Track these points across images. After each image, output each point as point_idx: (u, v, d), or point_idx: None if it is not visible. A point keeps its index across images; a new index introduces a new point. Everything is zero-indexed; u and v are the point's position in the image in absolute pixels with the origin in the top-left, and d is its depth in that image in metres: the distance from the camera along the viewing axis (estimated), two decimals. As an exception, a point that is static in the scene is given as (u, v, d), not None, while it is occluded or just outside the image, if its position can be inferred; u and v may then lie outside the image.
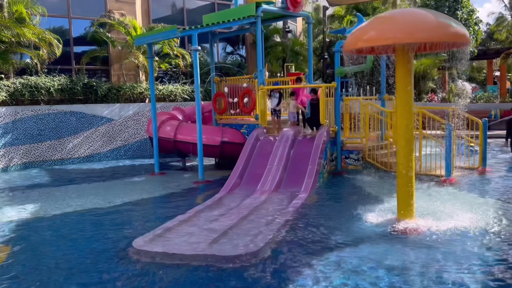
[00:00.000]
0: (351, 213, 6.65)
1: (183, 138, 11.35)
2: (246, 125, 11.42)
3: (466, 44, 5.45)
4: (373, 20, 5.86)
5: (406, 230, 5.61)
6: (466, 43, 5.41)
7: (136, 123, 14.93)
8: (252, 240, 5.42)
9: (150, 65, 11.15)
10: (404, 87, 5.85)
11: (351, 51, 6.12)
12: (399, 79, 5.89)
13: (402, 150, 5.92)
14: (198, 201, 8.02)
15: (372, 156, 10.39)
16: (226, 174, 10.71)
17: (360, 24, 10.61)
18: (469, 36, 5.65)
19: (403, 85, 5.85)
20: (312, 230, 5.94)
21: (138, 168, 12.58)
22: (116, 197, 8.48)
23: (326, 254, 5.03)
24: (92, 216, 7.18)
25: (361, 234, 5.65)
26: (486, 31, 37.12)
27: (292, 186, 8.43)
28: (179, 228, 6.08)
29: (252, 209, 6.90)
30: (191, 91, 16.02)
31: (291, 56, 18.78)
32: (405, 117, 5.87)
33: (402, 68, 5.84)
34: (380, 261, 4.73)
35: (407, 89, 5.84)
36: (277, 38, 20.00)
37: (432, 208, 6.54)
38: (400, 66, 5.85)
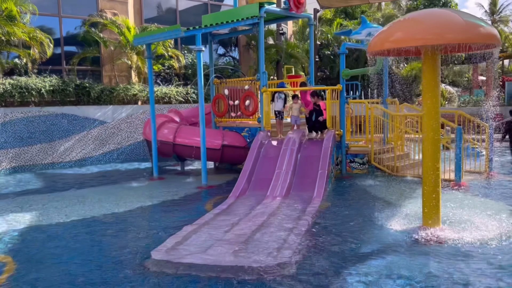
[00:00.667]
0: (372, 220, 6.46)
1: (182, 141, 11.01)
2: (247, 128, 11.15)
3: (497, 45, 5.31)
4: (399, 21, 5.66)
5: (435, 239, 5.41)
6: (497, 44, 5.26)
7: (129, 126, 14.50)
8: (278, 249, 5.16)
9: (149, 65, 10.78)
10: (431, 89, 5.67)
11: (376, 53, 5.93)
12: (426, 81, 5.71)
13: (428, 155, 5.73)
14: (207, 207, 7.71)
15: (377, 160, 10.24)
16: (229, 179, 10.49)
17: (364, 26, 10.54)
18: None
19: (430, 88, 5.67)
20: (335, 238, 5.70)
21: (135, 172, 12.17)
22: (117, 203, 8.10)
23: (358, 264, 4.79)
24: (96, 225, 6.77)
25: (389, 242, 5.43)
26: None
27: (302, 191, 8.19)
28: (196, 237, 5.77)
29: (268, 216, 6.63)
30: (186, 93, 15.67)
31: (285, 59, 18.57)
32: (432, 120, 5.69)
33: (429, 70, 5.66)
34: (416, 271, 4.52)
35: (434, 91, 5.66)
36: (269, 40, 19.77)
37: (453, 215, 6.37)
38: (427, 68, 5.67)
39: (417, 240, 5.43)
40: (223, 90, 11.67)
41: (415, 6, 26.86)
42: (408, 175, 9.75)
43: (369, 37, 10.62)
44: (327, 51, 24.69)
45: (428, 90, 5.68)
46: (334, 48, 24.97)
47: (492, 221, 6.11)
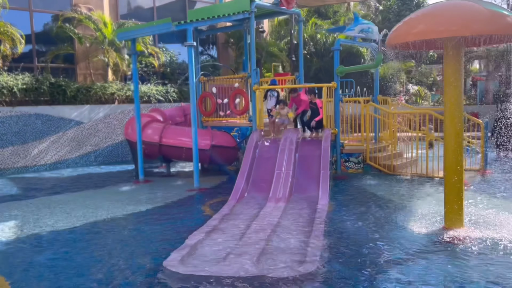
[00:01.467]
0: (388, 222, 6.18)
1: (170, 142, 10.45)
2: (237, 127, 10.72)
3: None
4: (421, 13, 5.40)
5: (463, 240, 5.17)
6: (525, 36, 5.07)
7: (107, 126, 13.78)
8: (300, 258, 4.77)
9: (134, 62, 10.19)
10: (453, 85, 5.44)
11: (397, 46, 5.66)
12: (448, 76, 5.47)
13: (450, 154, 5.49)
14: (206, 212, 7.25)
15: (372, 159, 10.04)
16: (220, 180, 10.05)
17: (356, 22, 10.32)
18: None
19: (453, 83, 5.44)
20: (355, 243, 5.36)
21: (117, 175, 11.51)
22: (106, 210, 7.48)
23: (389, 271, 4.47)
24: (88, 234, 6.15)
25: (416, 246, 5.13)
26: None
27: (304, 193, 7.86)
28: (208, 245, 5.32)
29: (277, 221, 6.24)
30: (165, 92, 15.06)
31: (265, 57, 18.25)
32: (455, 118, 5.45)
33: (451, 64, 5.42)
34: (455, 276, 4.25)
35: (457, 87, 5.43)
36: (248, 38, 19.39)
37: (470, 214, 6.17)
38: (449, 62, 5.43)
39: (445, 242, 5.17)
40: (210, 88, 11.19)
41: (389, 6, 27.13)
42: (405, 174, 9.58)
43: (361, 33, 10.44)
44: (303, 50, 24.56)
45: (450, 86, 5.44)
46: (310, 48, 24.88)
47: (509, 219, 5.95)
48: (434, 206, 6.80)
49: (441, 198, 7.34)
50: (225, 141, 10.67)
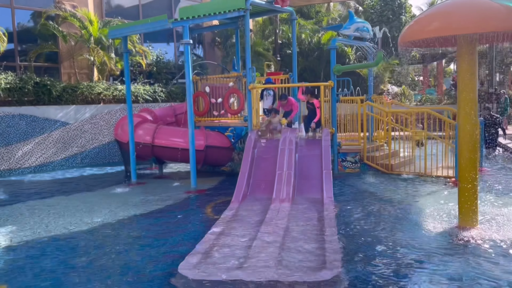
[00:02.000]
0: (398, 222, 6.09)
1: (163, 143, 10.17)
2: (232, 127, 10.51)
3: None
4: (435, 10, 5.31)
5: (481, 240, 5.11)
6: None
7: (93, 127, 13.38)
8: (319, 262, 4.61)
9: (126, 60, 9.87)
10: (467, 83, 5.37)
11: (410, 44, 5.56)
12: (462, 75, 5.40)
13: (465, 152, 5.42)
14: (208, 214, 7.04)
15: (370, 158, 9.99)
16: (216, 181, 9.85)
17: (352, 21, 10.26)
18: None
19: (467, 81, 5.37)
20: (372, 245, 5.23)
21: (107, 177, 11.17)
22: (103, 213, 7.18)
23: (411, 273, 4.37)
24: (88, 239, 5.87)
25: (434, 246, 5.03)
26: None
27: (307, 193, 7.72)
28: (218, 249, 5.12)
29: (286, 223, 6.08)
30: (153, 91, 14.72)
31: (252, 57, 18.05)
32: (469, 116, 5.39)
33: (465, 62, 5.35)
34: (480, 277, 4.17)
35: (471, 85, 5.36)
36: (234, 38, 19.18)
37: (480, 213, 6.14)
38: (464, 60, 5.36)
39: (462, 242, 5.09)
40: (203, 87, 10.97)
41: (371, 6, 27.30)
42: (403, 173, 9.55)
43: (357, 32, 10.39)
44: (288, 50, 24.47)
45: (465, 84, 5.37)
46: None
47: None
48: (441, 205, 6.76)
49: (445, 197, 7.41)
50: (220, 142, 10.46)
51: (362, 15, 28.21)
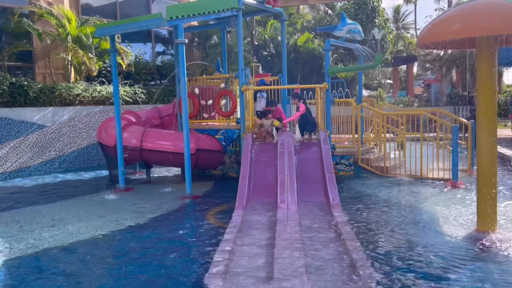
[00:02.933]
0: (415, 227, 5.97)
1: (153, 146, 9.76)
2: (223, 130, 10.21)
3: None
4: (457, 11, 5.22)
5: (500, 243, 5.05)
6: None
7: (72, 130, 12.76)
8: (352, 272, 4.41)
9: (113, 60, 9.39)
10: (487, 85, 5.30)
11: (429, 46, 5.47)
12: (482, 76, 5.33)
13: (485, 155, 5.37)
14: (210, 221, 6.73)
15: (364, 161, 9.92)
16: (209, 186, 9.54)
17: (344, 23, 10.18)
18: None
19: (486, 83, 5.30)
20: (395, 250, 5.09)
21: (90, 183, 10.62)
22: (94, 224, 6.67)
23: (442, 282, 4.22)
24: (85, 252, 5.42)
25: (455, 250, 4.92)
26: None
27: (311, 197, 7.53)
28: (239, 260, 4.83)
29: (299, 229, 5.85)
30: (133, 92, 14.20)
31: (233, 57, 17.80)
32: (489, 120, 5.32)
33: (485, 64, 5.29)
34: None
35: (491, 87, 5.30)
36: (215, 38, 18.88)
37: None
38: (484, 61, 5.30)
39: (485, 246, 5.01)
40: (192, 88, 10.61)
41: (345, 9, 27.55)
42: (399, 176, 9.53)
43: (349, 34, 10.32)
44: (264, 52, 24.34)
45: (484, 86, 5.31)
46: (271, 49, 24.72)
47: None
48: (451, 208, 6.72)
49: (450, 200, 7.40)
50: (211, 145, 10.15)
51: (336, 17, 28.46)
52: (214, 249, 5.25)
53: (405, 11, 52.28)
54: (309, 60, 23.35)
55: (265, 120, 9.17)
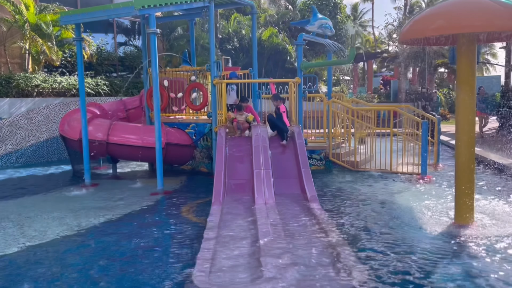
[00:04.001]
0: (391, 220, 6.04)
1: (121, 140, 9.41)
2: (193, 124, 9.98)
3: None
4: (439, 8, 5.27)
5: (483, 237, 5.19)
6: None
7: (30, 123, 12.12)
8: (341, 268, 4.38)
9: (79, 49, 8.96)
10: (466, 82, 5.41)
11: (412, 42, 5.52)
12: (461, 74, 5.43)
13: (463, 151, 5.48)
14: (188, 217, 6.55)
15: (335, 155, 9.99)
16: (180, 181, 9.34)
17: (315, 17, 10.19)
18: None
19: (466, 79, 5.41)
20: (375, 245, 5.11)
21: (53, 178, 10.14)
22: (59, 222, 6.33)
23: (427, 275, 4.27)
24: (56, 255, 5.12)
25: (440, 246, 4.98)
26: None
27: (287, 192, 7.49)
28: (223, 258, 4.70)
29: (281, 225, 5.79)
30: (96, 84, 13.67)
31: (198, 50, 17.50)
32: (467, 115, 5.44)
33: (465, 61, 5.40)
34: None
35: (471, 84, 5.42)
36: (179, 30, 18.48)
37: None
38: (463, 58, 5.40)
39: (465, 240, 5.12)
40: (161, 81, 10.29)
41: (308, 5, 27.74)
42: (369, 170, 9.67)
43: (320, 29, 10.34)
44: (228, 45, 24.15)
45: (464, 83, 5.42)
46: (235, 43, 24.55)
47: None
48: (424, 202, 6.86)
49: (423, 194, 7.56)
50: (180, 139, 9.90)
51: (299, 13, 28.65)
52: (196, 245, 5.12)
53: (363, 9, 53.41)
54: (273, 54, 23.36)
55: (239, 116, 9.04)
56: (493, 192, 7.48)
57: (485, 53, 34.44)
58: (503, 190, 7.68)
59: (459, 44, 5.42)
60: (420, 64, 23.91)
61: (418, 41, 5.54)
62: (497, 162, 9.56)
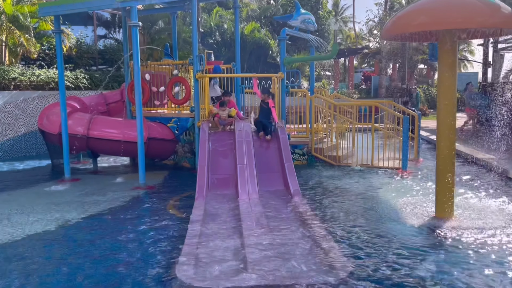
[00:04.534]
0: (373, 215, 6.11)
1: (101, 135, 9.29)
2: (175, 118, 9.91)
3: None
4: (421, 4, 5.33)
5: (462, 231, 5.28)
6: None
7: (7, 117, 11.85)
8: (325, 260, 4.42)
9: (58, 42, 8.77)
10: (447, 79, 5.50)
11: (394, 37, 5.57)
12: (442, 70, 5.52)
13: (445, 144, 5.58)
14: (173, 213, 6.51)
15: (317, 150, 10.05)
16: (163, 176, 9.27)
17: (298, 12, 10.20)
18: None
19: (447, 75, 5.50)
20: (357, 240, 5.16)
21: (31, 173, 9.94)
22: (41, 218, 6.22)
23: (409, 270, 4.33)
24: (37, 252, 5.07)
25: (422, 241, 5.07)
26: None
27: (270, 187, 7.49)
28: (208, 252, 4.69)
29: (264, 219, 5.81)
30: (75, 77, 13.43)
31: (179, 44, 17.30)
32: (449, 109, 5.53)
33: (446, 58, 5.47)
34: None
35: (451, 81, 5.50)
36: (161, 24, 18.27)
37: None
38: (445, 55, 5.48)
39: (446, 234, 5.20)
40: (143, 74, 10.17)
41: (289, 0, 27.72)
42: (351, 165, 9.75)
43: (303, 24, 10.36)
44: (210, 39, 23.99)
45: (445, 78, 5.50)
46: (217, 37, 24.40)
47: (494, 204, 6.28)
48: (405, 196, 6.96)
49: (403, 187, 7.68)
50: (163, 134, 9.84)
51: (281, 8, 28.62)
52: (180, 240, 5.10)
53: (344, 4, 53.68)
54: (255, 49, 23.31)
55: (221, 112, 8.98)
56: (471, 186, 7.64)
57: (463, 50, 35.03)
58: (480, 184, 7.85)
59: (441, 41, 5.49)
60: (400, 60, 24.18)
61: (400, 37, 5.59)
62: (471, 155, 9.78)
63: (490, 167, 8.82)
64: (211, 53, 11.93)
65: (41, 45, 13.50)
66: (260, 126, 8.61)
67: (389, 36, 5.60)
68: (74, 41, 14.72)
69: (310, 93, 11.29)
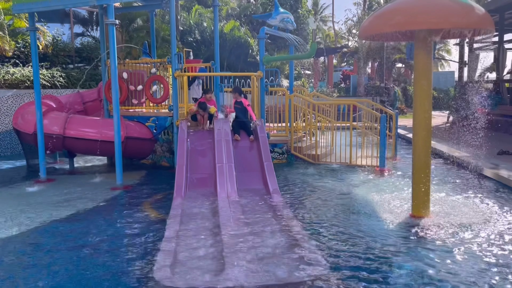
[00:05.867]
0: (352, 213, 6.16)
1: (78, 134, 9.12)
2: (154, 117, 9.81)
3: (491, 31, 5.42)
4: (397, 4, 5.38)
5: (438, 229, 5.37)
6: (491, 30, 5.38)
7: (-20, 116, 11.55)
8: (301, 259, 4.43)
9: (33, 40, 8.58)
10: (423, 77, 5.58)
11: (371, 37, 5.62)
12: (418, 69, 5.60)
13: (421, 143, 5.66)
14: (150, 213, 6.44)
15: (296, 149, 10.09)
16: (140, 176, 9.16)
17: (277, 11, 10.21)
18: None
19: (422, 76, 5.58)
20: (335, 238, 5.20)
21: (5, 174, 9.72)
22: (14, 219, 6.10)
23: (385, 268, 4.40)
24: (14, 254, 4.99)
25: (393, 237, 5.14)
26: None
27: (249, 186, 7.48)
28: (185, 251, 4.66)
29: (243, 218, 5.80)
30: (51, 76, 13.17)
31: (160, 43, 17.18)
32: (425, 108, 5.62)
33: (422, 57, 5.55)
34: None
35: (426, 80, 5.58)
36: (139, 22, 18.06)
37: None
38: (421, 54, 5.55)
39: (423, 232, 5.27)
40: (120, 73, 10.04)
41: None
42: (330, 163, 9.82)
43: (282, 23, 10.37)
44: (189, 37, 23.81)
45: (421, 77, 5.58)
46: (196, 35, 24.24)
47: (468, 201, 6.41)
48: (382, 194, 7.04)
49: (380, 185, 7.77)
50: (141, 133, 9.71)
51: (261, 6, 28.59)
52: (158, 240, 5.06)
53: (323, 4, 53.99)
54: (235, 48, 23.23)
55: (201, 111, 8.91)
56: (446, 184, 7.77)
57: (440, 49, 35.64)
58: (455, 181, 8.00)
59: (417, 40, 5.56)
60: (379, 59, 24.46)
61: (377, 36, 5.64)
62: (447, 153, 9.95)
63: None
64: (190, 51, 11.83)
65: (16, 42, 13.20)
66: (237, 128, 8.57)
67: (366, 36, 5.64)
68: (50, 38, 14.44)
69: (290, 92, 11.31)
